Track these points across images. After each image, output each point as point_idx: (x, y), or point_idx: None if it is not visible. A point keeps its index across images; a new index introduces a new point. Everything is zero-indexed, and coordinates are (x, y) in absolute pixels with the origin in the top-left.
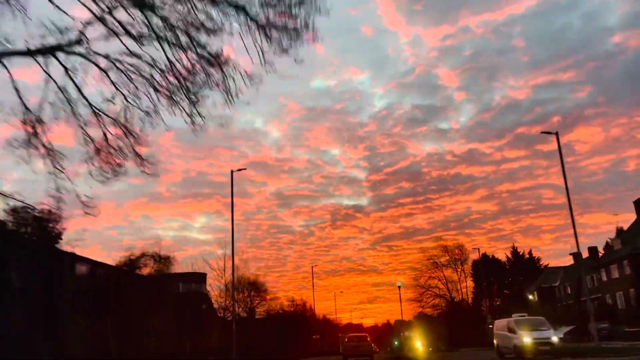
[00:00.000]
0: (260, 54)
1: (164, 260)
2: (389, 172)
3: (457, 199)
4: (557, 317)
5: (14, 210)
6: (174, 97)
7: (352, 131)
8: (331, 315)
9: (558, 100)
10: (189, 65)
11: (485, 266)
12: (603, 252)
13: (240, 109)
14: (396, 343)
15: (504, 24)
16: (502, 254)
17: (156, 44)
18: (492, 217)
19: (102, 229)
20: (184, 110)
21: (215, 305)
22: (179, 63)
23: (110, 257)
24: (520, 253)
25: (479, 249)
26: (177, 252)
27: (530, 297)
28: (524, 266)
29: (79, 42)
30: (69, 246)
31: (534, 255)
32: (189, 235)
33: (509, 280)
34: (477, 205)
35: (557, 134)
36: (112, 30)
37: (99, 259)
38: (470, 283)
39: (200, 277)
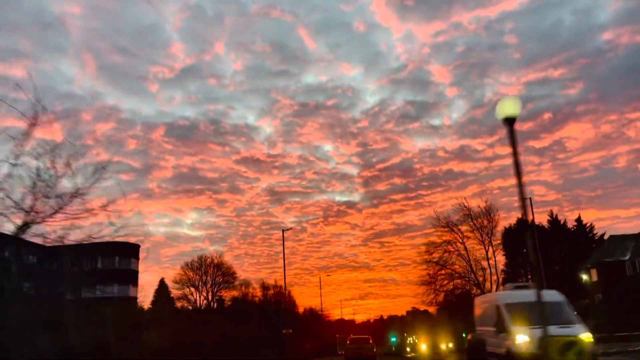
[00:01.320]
0: None
1: None
2: (381, 169)
3: (449, 195)
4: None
5: None
6: None
7: (345, 127)
8: (324, 312)
9: (549, 96)
10: None
11: (521, 236)
12: None
13: (232, 104)
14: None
15: (496, 20)
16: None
17: None
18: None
19: (93, 225)
20: None
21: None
22: None
23: None
24: (562, 222)
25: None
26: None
27: (585, 276)
28: (569, 237)
29: None
30: None
31: (584, 222)
32: (180, 231)
33: (553, 254)
34: (469, 201)
35: None
36: None
37: None
38: (500, 258)
39: (129, 250)
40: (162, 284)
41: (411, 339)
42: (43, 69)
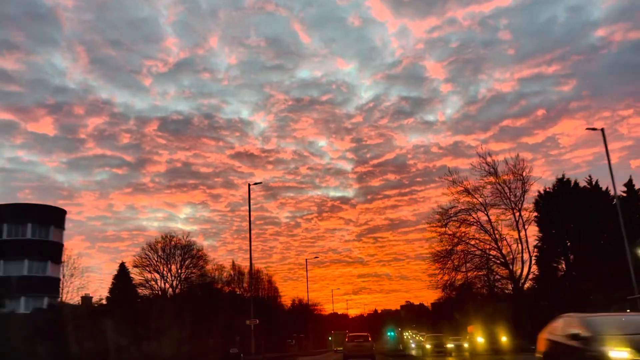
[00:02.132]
0: None
1: None
2: (375, 164)
3: (442, 191)
4: None
5: None
6: None
7: (339, 123)
8: (317, 306)
9: (543, 93)
10: None
11: (560, 203)
12: None
13: (226, 99)
14: None
15: (490, 16)
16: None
17: None
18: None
19: (85, 219)
20: None
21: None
22: None
23: (94, 249)
24: (604, 188)
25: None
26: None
27: None
28: (614, 205)
29: None
30: None
31: (635, 187)
32: (174, 226)
33: (597, 226)
34: (463, 197)
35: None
36: None
37: (83, 250)
38: (533, 231)
39: (48, 216)
40: (122, 269)
41: (407, 334)
42: (35, 62)
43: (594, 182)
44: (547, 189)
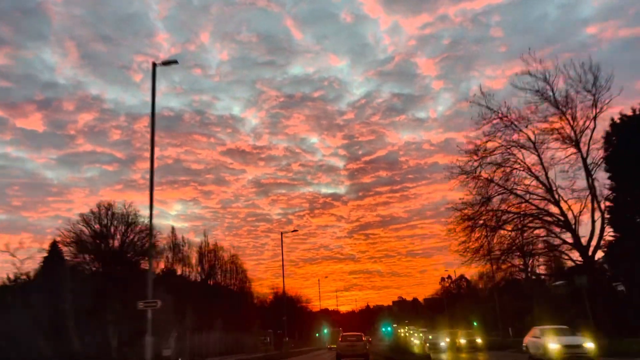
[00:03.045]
0: None
1: None
2: (367, 161)
3: (434, 187)
4: None
5: None
6: None
7: (331, 119)
8: (308, 302)
9: None
10: None
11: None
12: None
13: (217, 95)
14: None
15: (482, 13)
16: None
17: None
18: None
19: (76, 217)
20: None
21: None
22: None
23: None
24: None
25: None
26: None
27: None
28: None
29: None
30: None
31: None
32: (165, 222)
33: None
34: (454, 194)
35: None
36: None
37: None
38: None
39: None
40: (54, 249)
41: (404, 330)
42: (24, 57)
43: None
44: (626, 117)
